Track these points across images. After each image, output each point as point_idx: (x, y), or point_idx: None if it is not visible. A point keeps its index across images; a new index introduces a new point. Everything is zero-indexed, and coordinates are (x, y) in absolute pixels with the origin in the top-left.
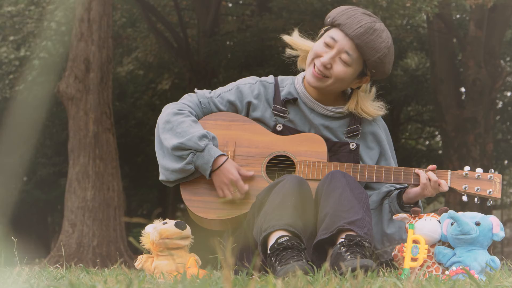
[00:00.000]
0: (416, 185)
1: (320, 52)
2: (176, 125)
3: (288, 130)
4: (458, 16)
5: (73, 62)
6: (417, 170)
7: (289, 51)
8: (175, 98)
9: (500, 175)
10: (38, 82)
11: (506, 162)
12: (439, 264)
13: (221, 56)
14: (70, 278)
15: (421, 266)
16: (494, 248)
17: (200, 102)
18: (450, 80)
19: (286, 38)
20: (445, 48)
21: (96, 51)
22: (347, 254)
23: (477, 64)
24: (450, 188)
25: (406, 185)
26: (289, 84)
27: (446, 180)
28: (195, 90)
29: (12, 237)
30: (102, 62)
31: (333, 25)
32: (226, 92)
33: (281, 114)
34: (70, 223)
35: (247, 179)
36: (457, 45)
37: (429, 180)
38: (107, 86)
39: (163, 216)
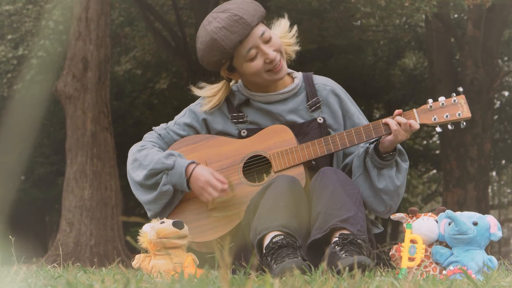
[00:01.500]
0: (389, 134)
1: (261, 65)
2: (142, 159)
3: (253, 132)
4: (456, 15)
5: (71, 61)
6: (384, 120)
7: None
8: (173, 97)
9: (463, 95)
10: (36, 81)
11: (503, 162)
12: (437, 263)
13: None
14: (68, 277)
15: (419, 265)
16: (492, 248)
17: (160, 134)
18: (448, 79)
19: (198, 92)
20: (443, 47)
21: (94, 50)
22: (342, 252)
23: (475, 63)
24: (421, 124)
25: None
26: (236, 92)
27: (415, 119)
28: (153, 128)
29: (10, 236)
30: (100, 61)
31: (233, 53)
32: (181, 117)
33: (240, 120)
34: (67, 222)
35: (230, 189)
36: (455, 45)
37: (399, 124)
38: (105, 85)
39: (161, 215)
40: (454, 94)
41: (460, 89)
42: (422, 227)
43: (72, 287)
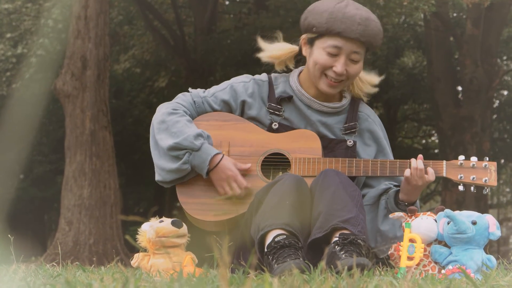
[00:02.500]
0: None
1: (328, 64)
2: (171, 124)
3: (284, 128)
4: (455, 14)
5: (70, 60)
6: (412, 160)
7: (265, 59)
8: (172, 96)
9: (495, 163)
10: (35, 80)
11: (502, 161)
12: (436, 263)
13: (218, 54)
14: (67, 276)
15: (417, 265)
16: (491, 247)
17: (194, 101)
18: (447, 78)
19: (261, 44)
20: (442, 46)
21: (93, 49)
22: (342, 252)
23: (474, 62)
24: (445, 178)
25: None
26: (283, 82)
27: (442, 171)
28: (189, 89)
29: (9, 235)
30: (99, 60)
31: (327, 34)
32: (220, 91)
33: (276, 112)
34: (66, 221)
35: (244, 178)
36: (454, 44)
37: (416, 169)
38: (104, 84)
39: (160, 214)
40: (487, 159)
41: (459, 88)
42: (421, 226)
43: (71, 286)
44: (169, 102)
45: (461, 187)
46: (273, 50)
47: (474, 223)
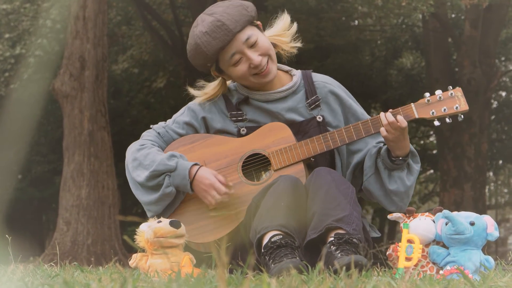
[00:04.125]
0: None
1: (246, 69)
2: (143, 159)
3: (253, 130)
4: (453, 15)
5: (68, 60)
6: (381, 114)
7: (205, 98)
8: (170, 96)
9: (460, 88)
10: (33, 80)
11: (500, 162)
12: (434, 263)
13: None
14: (65, 276)
15: (416, 265)
16: (489, 248)
17: (159, 133)
18: (445, 79)
19: (194, 93)
20: (440, 47)
21: (91, 49)
22: (338, 252)
23: (472, 63)
24: (418, 119)
25: None
26: (234, 90)
27: (412, 113)
28: (151, 126)
29: (7, 235)
30: (97, 60)
31: (216, 57)
32: (180, 115)
33: (239, 118)
34: (64, 221)
35: (228, 188)
36: (452, 45)
37: (387, 124)
38: (102, 84)
39: (158, 215)
40: (451, 87)
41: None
42: (419, 227)
43: (69, 286)
44: (135, 142)
45: (436, 122)
46: (205, 93)
47: (472, 224)
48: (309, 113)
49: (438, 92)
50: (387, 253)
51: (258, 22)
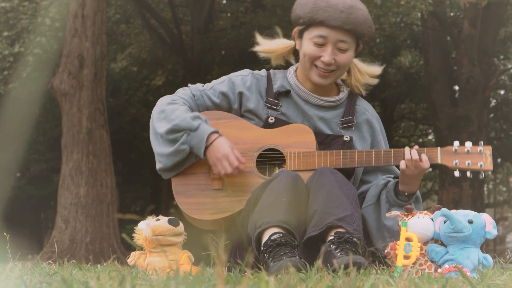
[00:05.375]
0: None
1: (315, 54)
2: (170, 112)
3: (280, 123)
4: (452, 14)
5: (67, 58)
6: (406, 149)
7: (263, 54)
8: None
9: (490, 147)
10: (32, 78)
11: (499, 160)
12: (432, 262)
13: (215, 53)
14: (63, 274)
15: (414, 264)
16: (487, 246)
17: (194, 95)
18: (444, 78)
19: (259, 40)
20: (439, 46)
21: (90, 47)
22: (337, 251)
23: (471, 62)
24: (441, 164)
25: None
26: (281, 77)
27: (436, 157)
28: (189, 84)
29: (5, 233)
30: (96, 58)
31: (312, 24)
32: (219, 84)
33: (273, 106)
34: (63, 219)
35: (240, 175)
36: (451, 43)
37: (410, 159)
38: (101, 82)
39: (156, 212)
40: (482, 143)
41: (456, 87)
42: (418, 225)
43: (68, 284)
44: (169, 95)
45: (457, 173)
46: (268, 44)
47: (470, 222)
48: (339, 130)
49: (468, 145)
50: (386, 251)
51: (360, 47)
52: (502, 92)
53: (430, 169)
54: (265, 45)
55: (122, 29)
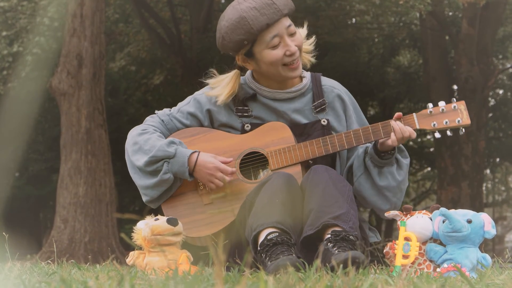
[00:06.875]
0: (388, 138)
1: (280, 54)
2: (143, 143)
3: (257, 127)
4: (450, 13)
5: (66, 58)
6: (385, 122)
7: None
8: (168, 94)
9: (463, 101)
10: (30, 78)
11: (498, 159)
12: (431, 261)
13: (213, 53)
14: (62, 274)
15: (413, 263)
16: (486, 245)
17: (163, 120)
18: (443, 77)
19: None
20: (437, 45)
21: (88, 47)
22: (335, 249)
23: (470, 61)
24: (420, 129)
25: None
26: (242, 85)
27: (414, 123)
28: (156, 111)
29: (4, 233)
30: (95, 58)
31: (258, 34)
32: (185, 105)
33: (245, 114)
34: (62, 219)
35: (226, 185)
36: (450, 43)
37: (399, 130)
38: (100, 82)
39: (155, 212)
40: (455, 100)
41: (455, 86)
42: (416, 224)
43: (66, 284)
44: (138, 126)
45: (437, 134)
46: (222, 89)
47: (469, 221)
48: (314, 116)
49: (441, 104)
50: (384, 251)
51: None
52: (501, 91)
53: (429, 169)
54: (220, 92)
55: (120, 28)
